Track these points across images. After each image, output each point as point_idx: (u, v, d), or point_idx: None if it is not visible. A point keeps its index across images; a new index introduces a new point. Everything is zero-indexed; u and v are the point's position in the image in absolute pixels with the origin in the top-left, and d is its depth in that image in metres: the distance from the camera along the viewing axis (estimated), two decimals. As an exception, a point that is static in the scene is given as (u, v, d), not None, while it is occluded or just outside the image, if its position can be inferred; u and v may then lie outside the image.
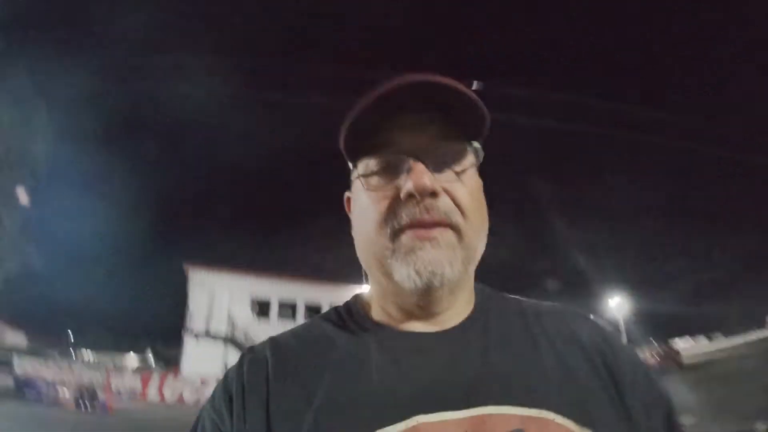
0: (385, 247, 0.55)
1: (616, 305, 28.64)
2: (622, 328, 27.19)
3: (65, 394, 11.62)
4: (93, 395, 11.82)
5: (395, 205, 0.55)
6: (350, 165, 0.62)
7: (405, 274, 0.53)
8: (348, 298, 0.68)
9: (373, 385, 0.52)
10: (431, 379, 0.52)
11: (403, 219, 0.54)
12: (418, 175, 0.52)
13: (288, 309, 26.31)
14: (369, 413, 0.50)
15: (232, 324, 21.91)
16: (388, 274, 0.56)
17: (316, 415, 0.50)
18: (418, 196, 0.53)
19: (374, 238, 0.57)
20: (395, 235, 0.55)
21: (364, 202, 0.59)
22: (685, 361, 25.43)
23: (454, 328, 0.58)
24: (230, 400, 0.55)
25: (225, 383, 0.57)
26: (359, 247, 0.62)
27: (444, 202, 0.55)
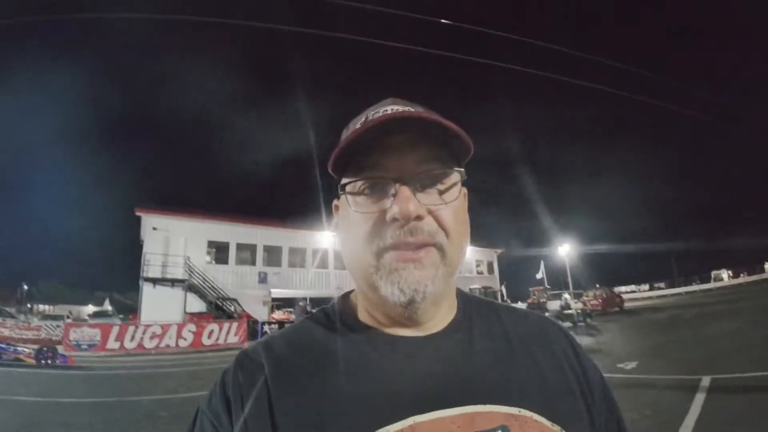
0: (370, 264, 0.58)
1: (565, 252, 30.14)
2: (569, 272, 29.01)
3: (25, 350, 11.54)
4: (53, 350, 11.81)
5: (380, 225, 0.57)
6: (336, 179, 0.64)
7: (389, 291, 0.56)
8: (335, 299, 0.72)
9: (370, 387, 0.55)
10: (423, 380, 0.56)
11: (388, 240, 0.56)
12: (404, 201, 0.55)
13: (247, 252, 26.30)
14: (369, 414, 0.52)
15: (189, 269, 21.87)
16: (373, 288, 0.58)
17: (321, 418, 0.52)
18: (402, 221, 0.55)
19: (360, 255, 0.59)
20: (380, 254, 0.57)
21: (351, 220, 0.60)
22: (627, 304, 28.02)
23: (439, 333, 0.62)
24: (228, 402, 0.57)
25: (223, 385, 0.59)
26: (346, 260, 0.64)
27: (428, 224, 0.57)
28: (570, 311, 18.93)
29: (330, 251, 30.06)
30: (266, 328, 18.62)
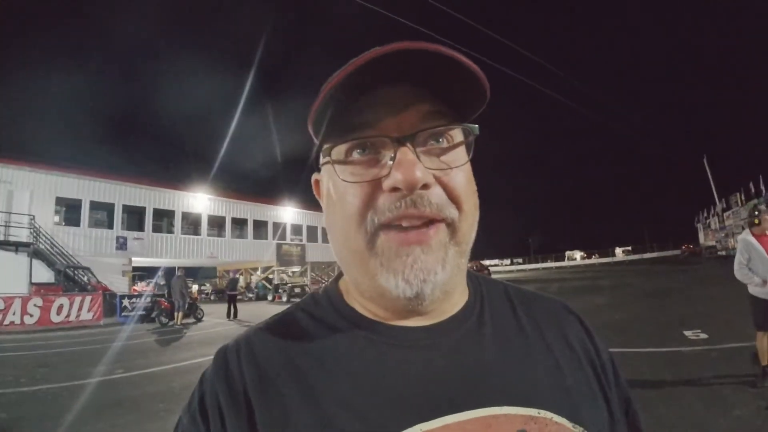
0: (364, 248, 0.51)
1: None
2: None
3: None
4: None
5: (375, 197, 0.50)
6: (316, 143, 0.58)
7: (393, 283, 0.50)
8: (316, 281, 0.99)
9: (368, 391, 0.50)
10: (430, 380, 0.51)
11: (386, 214, 0.49)
12: (407, 167, 0.48)
13: (103, 213, 25.12)
14: (368, 424, 0.47)
15: (35, 231, 20.69)
16: (370, 276, 0.53)
17: (315, 428, 0.47)
18: (405, 191, 0.48)
19: (351, 236, 0.52)
20: (375, 234, 0.50)
21: (338, 193, 0.54)
22: (492, 276, 33.44)
23: (447, 321, 0.57)
24: (206, 415, 0.52)
25: (201, 393, 0.54)
26: (333, 244, 0.57)
27: (436, 194, 0.50)
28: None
29: (204, 215, 29.72)
30: (126, 302, 18.65)
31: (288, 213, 37.00)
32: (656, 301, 13.24)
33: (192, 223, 29.03)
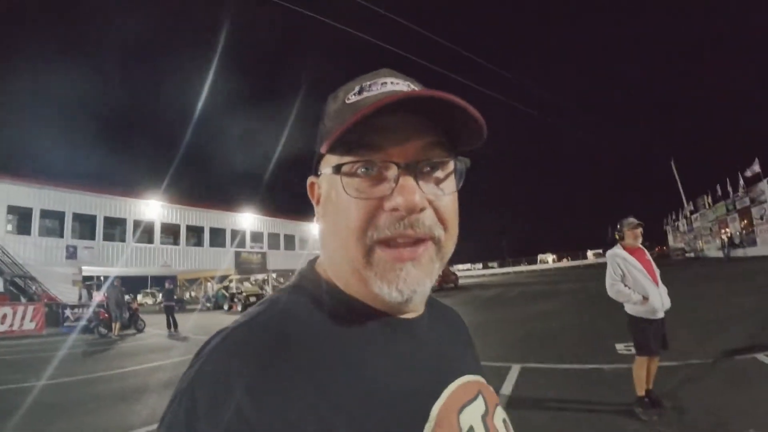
0: (360, 259, 0.58)
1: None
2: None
3: None
4: None
5: (376, 214, 0.57)
6: (318, 150, 0.64)
7: (385, 292, 0.58)
8: (303, 269, 0.71)
9: (410, 368, 0.61)
10: (434, 358, 0.66)
11: (385, 232, 0.57)
12: (409, 192, 0.55)
13: (54, 221, 25.92)
14: (418, 396, 0.58)
15: None
16: (362, 282, 0.60)
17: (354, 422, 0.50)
18: (405, 213, 0.56)
19: (351, 247, 0.59)
20: (372, 248, 0.58)
21: (341, 204, 0.60)
22: (461, 281, 35.76)
23: (422, 315, 0.70)
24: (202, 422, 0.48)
25: (193, 401, 0.49)
26: (328, 248, 0.65)
27: (428, 217, 0.58)
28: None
29: (157, 222, 30.47)
30: (69, 312, 19.45)
31: (247, 220, 37.96)
32: (604, 306, 12.09)
33: (146, 231, 29.78)
